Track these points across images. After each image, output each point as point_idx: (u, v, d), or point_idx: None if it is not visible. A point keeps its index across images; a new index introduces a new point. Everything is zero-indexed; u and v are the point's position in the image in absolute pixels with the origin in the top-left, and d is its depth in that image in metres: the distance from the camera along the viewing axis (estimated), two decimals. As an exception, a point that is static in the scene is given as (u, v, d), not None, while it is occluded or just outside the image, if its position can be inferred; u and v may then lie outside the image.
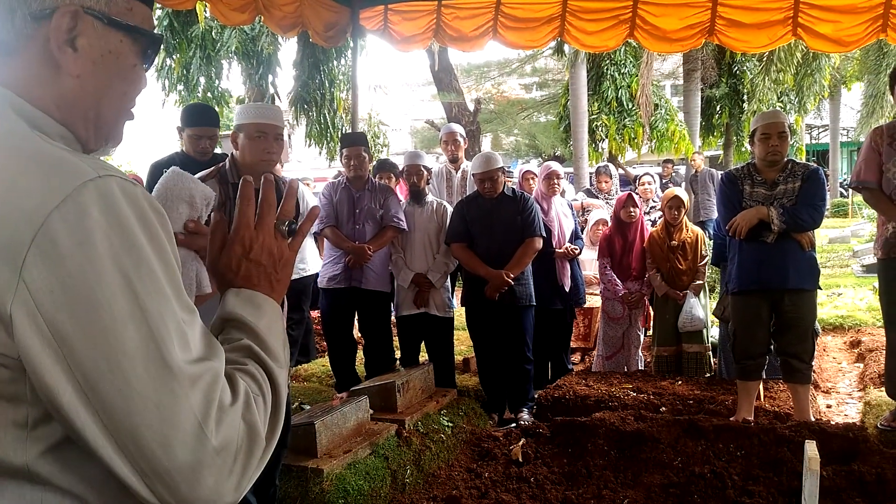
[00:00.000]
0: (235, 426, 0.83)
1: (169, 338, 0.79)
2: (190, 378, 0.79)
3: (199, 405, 0.79)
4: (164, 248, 0.83)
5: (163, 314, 0.79)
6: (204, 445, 0.79)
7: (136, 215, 0.80)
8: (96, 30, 0.91)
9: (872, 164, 3.82)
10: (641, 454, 3.60)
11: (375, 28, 6.11)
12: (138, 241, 0.79)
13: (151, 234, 0.81)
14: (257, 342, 0.96)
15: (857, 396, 5.01)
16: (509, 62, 24.99)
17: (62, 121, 0.91)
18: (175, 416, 0.77)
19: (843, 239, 14.33)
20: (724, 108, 16.90)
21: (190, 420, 0.78)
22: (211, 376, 0.82)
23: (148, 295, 0.78)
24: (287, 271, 1.05)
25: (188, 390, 0.79)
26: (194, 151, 4.02)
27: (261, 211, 1.03)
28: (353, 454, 3.52)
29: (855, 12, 5.13)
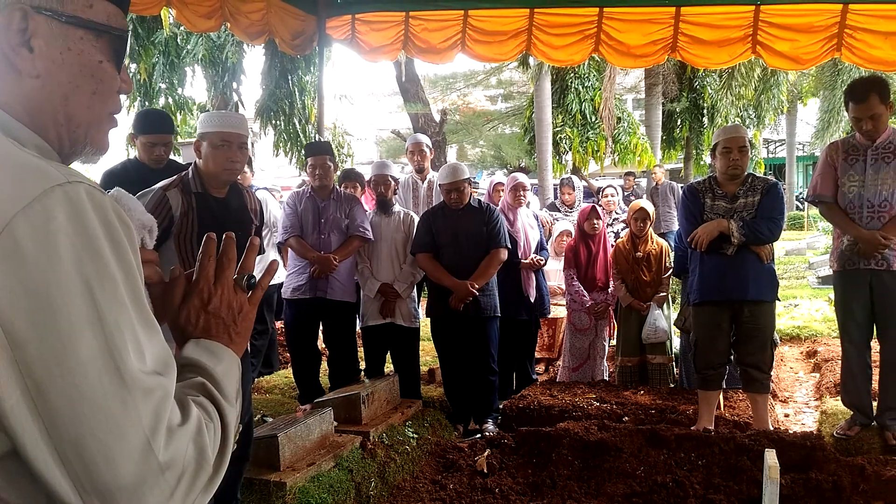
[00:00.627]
0: (183, 447, 0.81)
1: (125, 348, 0.77)
2: (142, 391, 0.77)
3: (148, 420, 0.77)
4: (127, 259, 0.81)
5: (120, 324, 0.78)
6: (149, 462, 0.77)
7: (102, 223, 0.79)
8: (52, 28, 0.89)
9: (828, 179, 3.93)
10: (605, 464, 3.63)
11: (343, 38, 6.11)
12: (102, 249, 0.78)
13: (115, 243, 0.80)
14: (212, 382, 0.95)
15: (814, 405, 5.12)
16: (475, 74, 25.20)
17: (33, 127, 0.89)
18: (123, 428, 0.75)
19: (799, 251, 14.68)
20: (685, 122, 17.24)
21: (138, 434, 0.76)
22: (163, 392, 0.80)
23: (107, 303, 0.77)
24: (247, 324, 1.06)
25: (139, 403, 0.77)
26: (148, 159, 3.90)
27: (220, 265, 1.05)
28: (316, 467, 3.48)
29: (811, 31, 5.29)
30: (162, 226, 2.73)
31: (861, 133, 3.83)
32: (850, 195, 3.85)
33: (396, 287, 4.71)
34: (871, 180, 3.78)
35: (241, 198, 2.97)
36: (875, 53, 5.24)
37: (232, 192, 2.92)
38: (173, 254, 2.75)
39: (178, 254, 2.75)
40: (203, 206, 2.80)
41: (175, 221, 2.73)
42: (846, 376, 4.06)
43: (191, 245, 2.76)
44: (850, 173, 3.85)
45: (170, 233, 2.74)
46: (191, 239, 2.76)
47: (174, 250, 2.75)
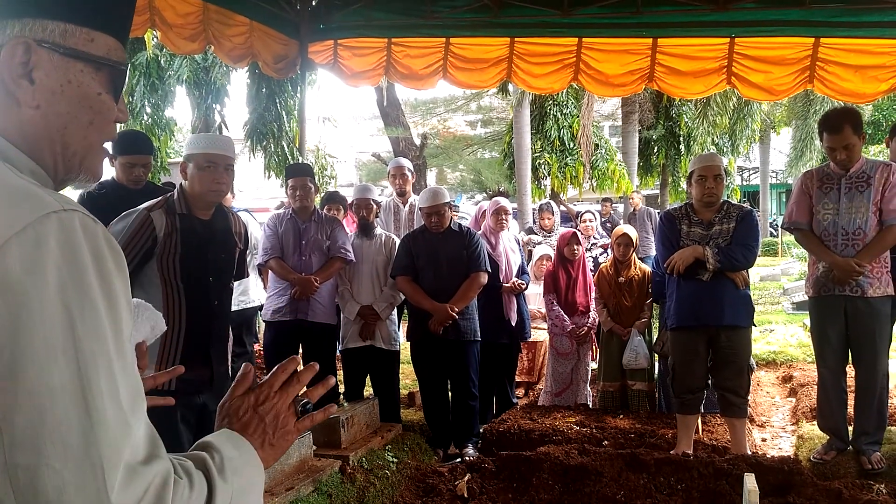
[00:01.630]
0: (138, 494, 0.79)
1: (96, 381, 0.77)
2: (105, 427, 0.77)
3: (108, 456, 0.76)
4: (113, 291, 0.82)
5: (96, 355, 0.78)
6: (101, 501, 0.75)
7: (92, 253, 0.80)
8: (53, 61, 0.91)
9: (804, 206, 4.01)
10: (585, 488, 3.63)
11: (325, 62, 6.16)
12: (88, 279, 0.79)
13: (103, 275, 0.81)
14: (215, 462, 0.94)
15: (791, 430, 5.17)
16: (455, 99, 25.44)
17: (30, 153, 0.91)
18: (80, 461, 0.75)
19: (773, 277, 14.89)
20: (661, 149, 17.51)
21: (95, 470, 0.75)
22: (127, 431, 0.80)
23: (86, 334, 0.77)
24: (283, 443, 1.08)
25: (101, 438, 0.76)
26: (127, 180, 3.86)
27: (289, 381, 1.11)
28: (295, 491, 3.43)
29: (784, 63, 5.44)
30: (145, 247, 2.72)
31: (835, 163, 3.93)
32: (824, 223, 3.93)
33: (376, 307, 4.70)
34: (845, 208, 3.87)
35: (227, 221, 2.97)
36: (846, 86, 5.41)
37: (217, 214, 2.91)
38: (155, 275, 2.73)
39: (160, 275, 2.73)
40: (187, 228, 2.79)
41: (158, 242, 2.72)
42: (822, 401, 4.11)
43: (173, 267, 2.74)
44: (824, 201, 3.94)
45: (153, 253, 2.72)
46: (173, 260, 2.74)
47: (156, 271, 2.73)
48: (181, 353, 2.75)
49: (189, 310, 2.76)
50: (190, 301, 2.76)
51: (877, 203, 3.82)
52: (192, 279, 2.78)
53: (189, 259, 2.77)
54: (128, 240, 2.70)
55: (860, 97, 5.57)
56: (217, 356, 2.89)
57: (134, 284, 2.92)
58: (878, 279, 3.87)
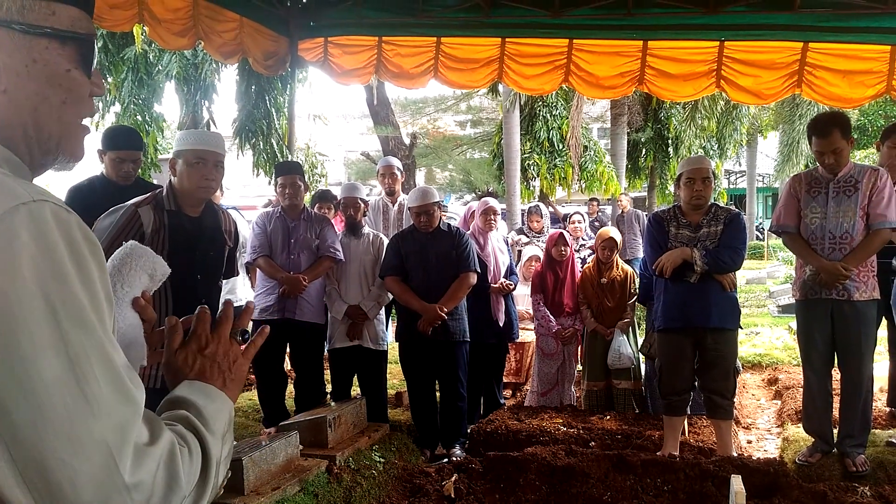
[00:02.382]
0: (152, 469, 0.79)
1: (89, 370, 0.76)
2: (107, 412, 0.76)
3: (114, 440, 0.76)
4: (91, 279, 0.80)
5: (85, 345, 0.76)
6: (115, 483, 0.75)
7: (67, 243, 0.78)
8: (14, 40, 0.86)
9: (792, 210, 4.04)
10: (572, 489, 3.63)
11: (315, 60, 6.13)
12: (65, 270, 0.77)
13: (80, 264, 0.79)
14: (198, 417, 0.95)
15: (776, 432, 5.20)
16: (445, 99, 25.43)
17: (2, 141, 0.87)
18: (87, 450, 0.74)
19: (759, 280, 14.97)
20: (650, 151, 17.59)
21: (103, 456, 0.75)
22: (130, 413, 0.79)
23: (71, 325, 0.76)
24: (241, 373, 1.09)
25: (104, 425, 0.76)
26: (116, 175, 3.83)
27: (218, 319, 1.10)
28: (281, 491, 3.41)
29: (773, 68, 5.48)
30: (131, 243, 2.69)
31: (823, 167, 3.95)
32: (812, 226, 3.96)
33: (363, 307, 4.68)
34: (832, 212, 3.90)
35: (216, 218, 2.94)
36: (833, 90, 5.45)
37: (207, 211, 2.89)
38: (143, 272, 2.70)
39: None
40: (175, 225, 2.77)
41: (146, 239, 2.69)
42: (808, 404, 4.14)
43: (161, 264, 2.72)
44: (812, 205, 3.96)
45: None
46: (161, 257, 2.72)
47: (144, 268, 2.70)
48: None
49: (176, 307, 2.73)
50: (177, 298, 2.74)
51: (864, 207, 3.84)
52: (179, 276, 2.73)
53: (177, 256, 2.74)
54: (115, 236, 2.67)
55: (847, 102, 5.61)
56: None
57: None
58: (865, 283, 3.89)
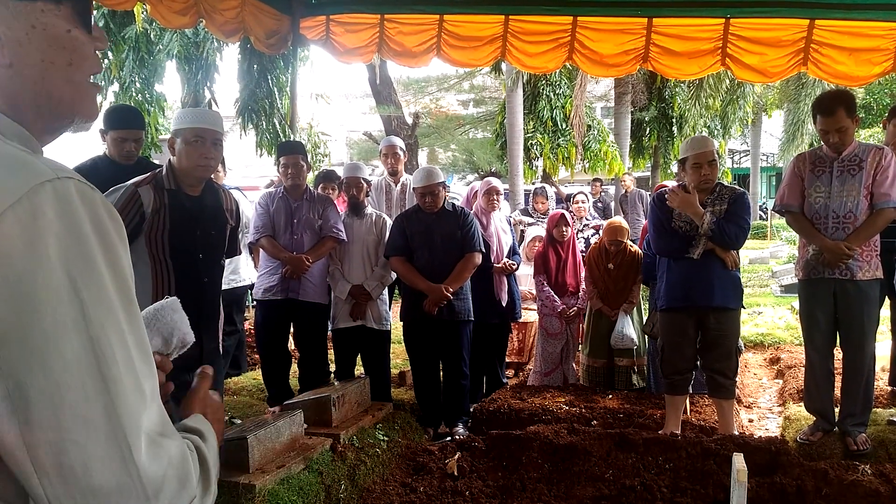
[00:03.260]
0: (163, 463, 0.79)
1: (109, 351, 0.75)
2: (124, 396, 0.76)
3: (130, 426, 0.76)
4: (117, 259, 0.80)
5: (106, 326, 0.76)
6: (129, 471, 0.75)
7: (92, 221, 0.78)
8: (10, 10, 0.85)
9: (795, 189, 4.02)
10: (574, 467, 3.66)
11: (317, 38, 6.08)
12: (91, 249, 0.77)
13: (106, 243, 0.79)
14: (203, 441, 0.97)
15: (778, 411, 5.23)
16: (447, 78, 25.25)
17: (14, 116, 0.86)
18: (103, 434, 0.74)
19: (762, 260, 14.96)
20: (653, 130, 17.49)
21: (119, 441, 0.74)
22: (147, 397, 0.79)
23: (94, 304, 0.75)
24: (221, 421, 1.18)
25: (121, 409, 0.75)
26: (118, 155, 3.81)
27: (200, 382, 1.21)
28: (286, 469, 3.44)
29: (779, 45, 5.41)
30: (132, 223, 2.68)
31: (828, 145, 3.93)
32: (816, 206, 3.94)
33: (367, 287, 4.69)
34: (836, 192, 3.88)
35: (217, 197, 2.94)
36: (839, 68, 5.39)
37: (207, 190, 2.88)
38: (144, 251, 2.70)
39: (149, 252, 2.70)
40: (176, 204, 2.76)
41: (146, 219, 2.69)
42: (809, 383, 4.15)
43: (162, 243, 2.71)
44: (816, 184, 3.95)
45: (141, 230, 2.69)
46: (162, 237, 2.71)
47: (145, 248, 2.70)
48: (171, 330, 2.73)
49: (178, 287, 2.74)
50: (179, 278, 2.74)
51: (868, 186, 3.83)
52: (180, 256, 2.75)
53: (177, 235, 2.75)
54: (116, 216, 2.67)
55: (854, 80, 5.55)
56: (207, 333, 2.88)
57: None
58: (868, 262, 3.89)
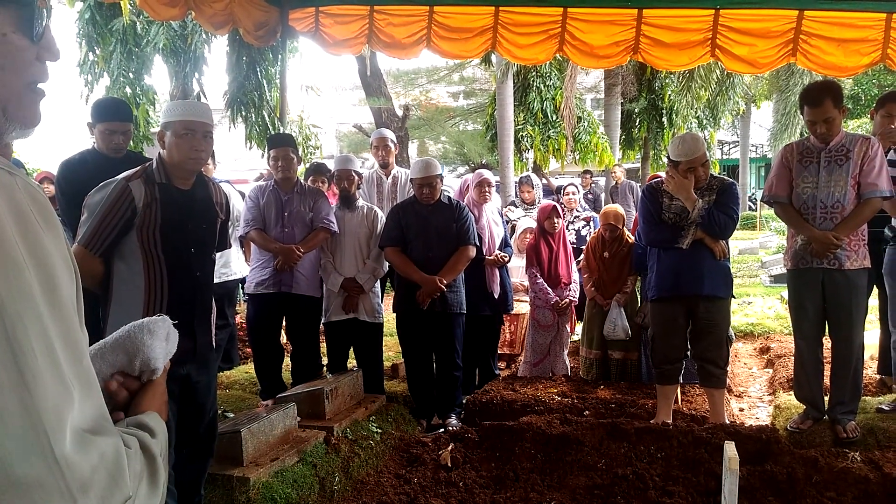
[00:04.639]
0: (94, 458, 0.76)
1: (27, 344, 0.72)
2: (42, 388, 0.73)
3: (49, 419, 0.72)
4: (38, 246, 0.77)
5: (22, 314, 0.73)
6: (49, 465, 0.72)
7: (9, 208, 0.75)
8: None
9: (783, 180, 4.04)
10: (567, 457, 3.68)
11: (307, 30, 6.05)
12: (5, 237, 0.74)
13: (25, 231, 0.76)
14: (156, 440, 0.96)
15: (768, 400, 5.27)
16: (437, 70, 25.19)
17: None
18: (21, 429, 0.71)
19: (752, 250, 15.06)
20: (643, 122, 17.49)
21: (38, 435, 0.71)
22: (67, 391, 0.76)
23: (8, 294, 0.72)
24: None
25: (38, 400, 0.72)
26: (107, 148, 3.79)
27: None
28: (280, 462, 3.46)
29: (768, 36, 5.44)
30: (124, 218, 2.67)
31: (815, 136, 3.95)
32: (804, 196, 3.97)
33: (359, 279, 4.68)
34: (824, 182, 3.90)
35: (207, 190, 2.92)
36: (828, 59, 5.42)
37: (198, 184, 2.87)
38: (136, 246, 2.69)
39: (141, 246, 2.69)
40: (167, 198, 2.75)
41: (138, 213, 2.68)
42: (799, 372, 4.18)
43: (154, 237, 2.70)
44: (804, 175, 3.97)
45: (133, 224, 2.68)
46: (154, 231, 2.70)
47: (137, 242, 2.69)
48: (164, 325, 2.72)
49: (171, 281, 2.73)
50: (172, 272, 2.73)
51: (855, 177, 3.85)
52: (173, 250, 2.74)
53: (169, 230, 2.73)
54: (106, 211, 2.65)
55: (843, 71, 5.58)
56: (200, 327, 2.87)
57: (115, 256, 2.88)
58: (856, 252, 3.91)
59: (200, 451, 2.98)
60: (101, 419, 0.81)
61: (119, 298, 2.72)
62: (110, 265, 2.73)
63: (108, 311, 2.73)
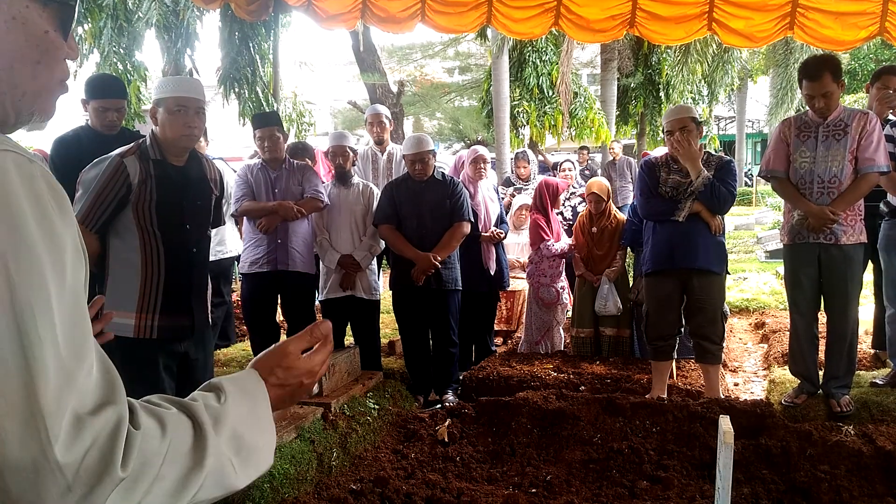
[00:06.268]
0: (87, 442, 0.77)
1: (34, 330, 0.74)
2: (45, 377, 0.74)
3: (50, 408, 0.74)
4: (54, 234, 0.78)
5: (32, 302, 0.74)
6: (45, 453, 0.73)
7: (28, 196, 0.76)
8: None
9: (781, 155, 4.03)
10: (563, 431, 3.71)
11: (299, 4, 5.97)
12: (24, 221, 0.75)
13: (42, 218, 0.77)
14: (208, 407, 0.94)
15: (762, 375, 5.31)
16: (432, 45, 25.00)
17: None
18: (22, 415, 0.73)
19: (747, 226, 15.07)
20: (640, 97, 17.42)
21: (37, 422, 0.73)
22: (70, 380, 0.77)
23: (21, 280, 0.74)
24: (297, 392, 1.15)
25: (41, 389, 0.74)
26: (101, 125, 3.78)
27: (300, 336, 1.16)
28: (278, 438, 3.46)
29: (765, 10, 5.39)
30: (119, 194, 2.66)
31: (813, 110, 3.93)
32: (801, 171, 3.96)
33: (356, 256, 4.67)
34: (821, 157, 3.89)
35: (202, 167, 2.90)
36: (826, 33, 5.38)
37: (192, 160, 2.85)
38: (132, 222, 2.68)
39: (136, 223, 2.68)
40: (162, 174, 2.73)
41: (133, 189, 2.66)
42: (794, 346, 4.20)
43: (149, 214, 2.69)
44: (801, 149, 3.96)
45: (128, 201, 2.67)
46: (149, 207, 2.69)
47: (132, 219, 2.68)
48: (161, 302, 2.72)
49: (167, 258, 2.72)
50: (168, 249, 2.72)
51: (853, 151, 3.84)
52: (168, 226, 2.73)
53: (165, 206, 2.72)
54: (101, 187, 2.64)
55: (840, 44, 5.54)
56: (197, 304, 2.86)
57: (111, 233, 2.87)
58: (852, 227, 3.92)
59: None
60: (104, 393, 0.81)
61: (115, 275, 2.72)
62: (106, 242, 2.73)
63: (104, 288, 2.73)
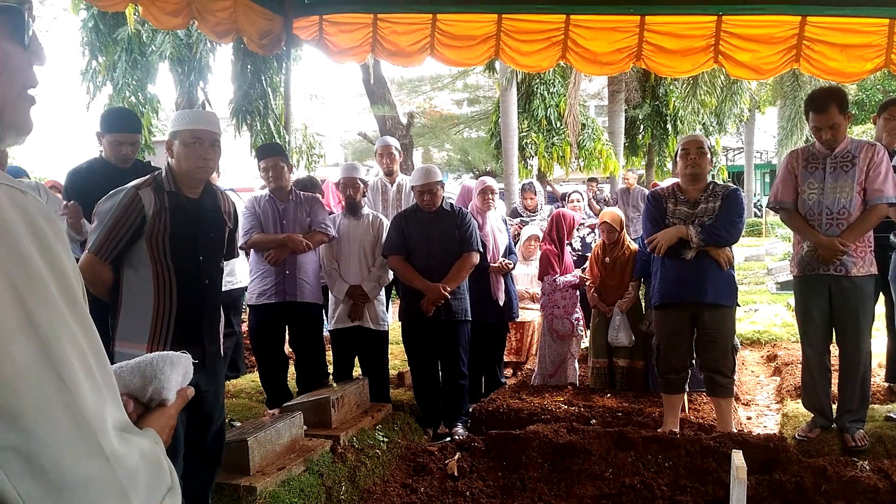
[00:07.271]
0: (136, 453, 0.80)
1: (62, 351, 0.75)
2: (83, 393, 0.76)
3: (94, 420, 0.76)
4: (57, 260, 0.79)
5: (55, 327, 0.76)
6: (100, 463, 0.76)
7: (26, 225, 0.77)
8: None
9: (789, 186, 4.03)
10: (574, 466, 3.67)
11: (311, 38, 6.07)
12: (27, 252, 0.76)
13: (42, 245, 0.78)
14: None
15: (775, 408, 5.24)
16: (441, 77, 25.27)
17: None
18: (71, 432, 0.74)
19: (758, 257, 15.00)
20: (647, 128, 17.51)
21: (87, 435, 0.75)
22: (101, 393, 0.79)
23: (39, 308, 0.75)
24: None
25: (82, 404, 0.75)
26: (115, 158, 3.82)
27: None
28: (286, 471, 3.45)
29: (771, 42, 5.44)
30: (134, 226, 2.68)
31: (821, 142, 3.94)
32: (809, 202, 3.96)
33: (364, 287, 4.68)
34: (830, 188, 3.89)
35: (216, 199, 2.93)
36: (831, 65, 5.42)
37: (206, 193, 2.88)
38: (145, 254, 2.70)
39: (150, 254, 2.70)
40: (176, 206, 2.76)
41: (147, 221, 2.69)
42: (806, 380, 4.16)
43: (163, 245, 2.71)
44: (809, 181, 3.96)
45: (142, 232, 2.69)
46: (163, 239, 2.71)
47: (146, 251, 2.70)
48: (173, 333, 2.73)
49: (180, 289, 2.73)
50: (180, 280, 2.74)
51: (861, 183, 3.84)
52: (182, 258, 2.75)
53: (179, 238, 2.74)
54: (117, 219, 2.66)
55: (846, 76, 5.58)
56: (209, 336, 2.87)
57: (124, 264, 2.89)
58: (862, 258, 3.90)
59: (208, 460, 2.98)
60: (127, 422, 0.85)
61: (128, 306, 2.73)
62: (119, 273, 2.75)
63: (117, 318, 2.74)
